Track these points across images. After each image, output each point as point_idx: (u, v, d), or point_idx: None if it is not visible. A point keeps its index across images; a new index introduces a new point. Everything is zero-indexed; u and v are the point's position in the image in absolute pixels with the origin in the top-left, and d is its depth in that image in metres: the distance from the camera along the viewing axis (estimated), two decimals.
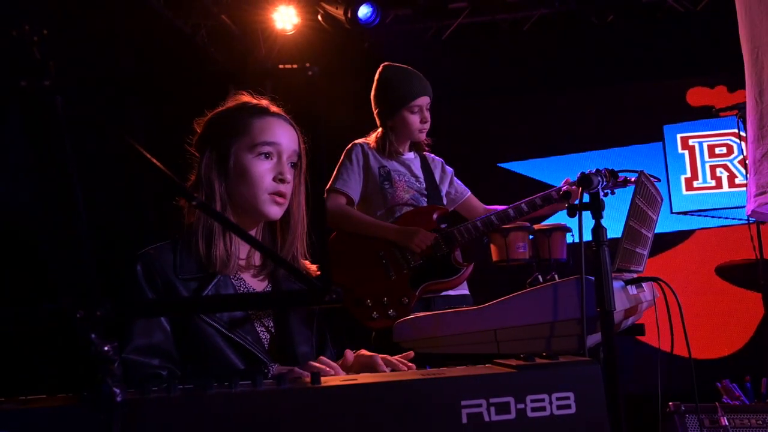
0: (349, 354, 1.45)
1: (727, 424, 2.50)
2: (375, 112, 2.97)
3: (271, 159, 1.52)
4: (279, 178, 1.51)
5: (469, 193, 3.11)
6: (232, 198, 1.53)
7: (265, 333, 1.52)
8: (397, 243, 2.73)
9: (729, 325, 4.81)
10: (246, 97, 1.60)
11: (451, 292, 2.81)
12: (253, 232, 1.59)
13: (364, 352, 1.46)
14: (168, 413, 0.83)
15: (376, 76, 2.96)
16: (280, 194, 1.52)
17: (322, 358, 1.38)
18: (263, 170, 1.51)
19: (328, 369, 1.31)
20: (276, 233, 1.62)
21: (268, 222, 1.61)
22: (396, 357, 1.46)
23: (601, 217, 1.63)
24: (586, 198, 1.64)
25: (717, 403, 2.56)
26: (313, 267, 1.63)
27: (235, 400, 0.84)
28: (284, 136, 1.54)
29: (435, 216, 2.83)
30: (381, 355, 1.43)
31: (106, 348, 0.70)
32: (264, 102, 1.59)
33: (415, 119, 2.86)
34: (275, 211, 1.53)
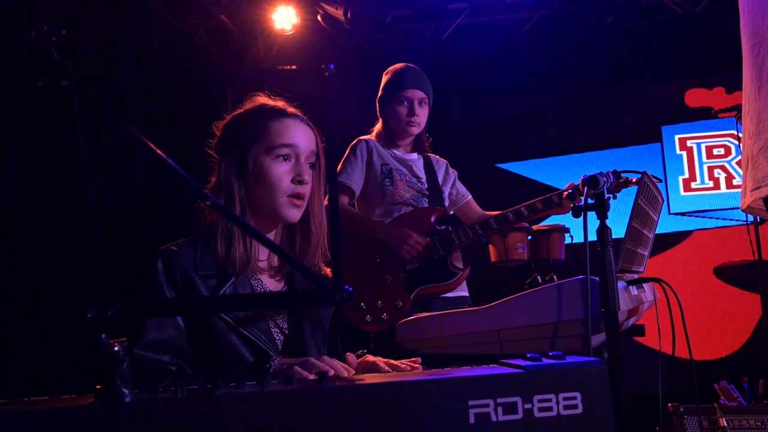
0: (351, 357, 1.45)
1: (726, 425, 2.50)
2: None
3: (289, 161, 1.53)
4: (297, 180, 1.52)
5: (470, 197, 3.11)
6: (251, 201, 1.54)
7: (279, 334, 1.53)
8: (388, 245, 2.73)
9: (727, 326, 4.82)
10: (263, 99, 1.61)
11: (449, 294, 2.80)
12: (272, 234, 1.59)
13: (369, 357, 1.46)
14: (176, 414, 0.82)
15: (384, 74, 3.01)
16: (299, 196, 1.52)
17: (324, 357, 1.37)
18: (281, 172, 1.51)
19: (325, 366, 1.30)
20: (295, 235, 1.62)
21: (288, 225, 1.61)
22: (404, 361, 1.46)
23: (606, 218, 1.64)
24: (591, 199, 1.65)
25: (716, 404, 2.56)
26: (328, 270, 1.64)
27: (242, 400, 0.84)
28: (301, 138, 1.54)
29: (433, 218, 2.82)
30: (387, 360, 1.43)
31: (115, 348, 0.70)
32: (280, 103, 1.60)
33: (402, 110, 2.87)
34: (293, 214, 1.54)
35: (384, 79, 2.97)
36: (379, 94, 2.97)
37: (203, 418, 0.83)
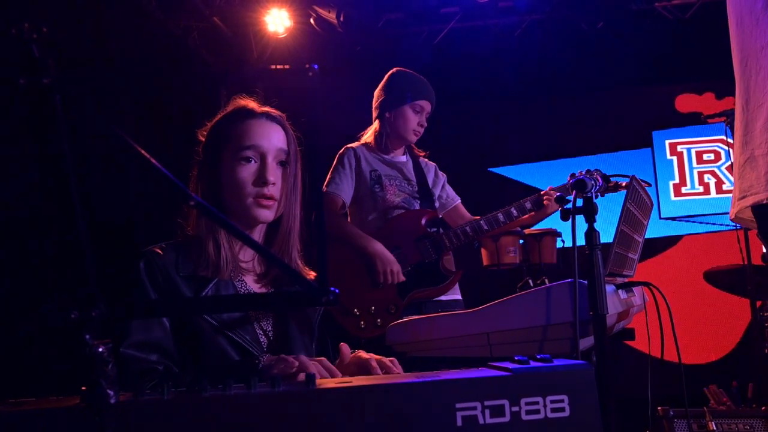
0: (345, 348, 1.44)
1: (715, 428, 2.52)
2: (375, 105, 2.96)
3: (254, 162, 1.50)
4: (261, 182, 1.49)
5: (459, 201, 3.10)
6: (225, 206, 1.52)
7: (263, 336, 1.51)
8: (370, 264, 2.69)
9: (717, 330, 4.85)
10: (239, 101, 1.59)
11: (443, 297, 2.81)
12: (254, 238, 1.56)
13: (362, 354, 1.45)
14: (162, 415, 0.82)
15: (388, 74, 2.97)
16: (265, 197, 1.49)
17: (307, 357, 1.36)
18: (245, 176, 1.49)
19: (312, 363, 1.28)
20: (272, 236, 1.59)
21: (269, 227, 1.59)
22: (383, 359, 1.45)
23: (594, 221, 1.64)
24: (580, 202, 1.66)
25: (705, 408, 2.58)
26: (313, 274, 1.62)
27: (229, 402, 0.84)
28: (265, 137, 1.51)
29: (424, 220, 2.82)
30: (376, 357, 1.43)
31: (100, 349, 0.70)
32: (251, 104, 1.57)
33: (414, 118, 2.87)
34: (264, 214, 1.51)
35: (389, 82, 2.93)
36: (383, 97, 2.92)
37: (190, 419, 0.83)
